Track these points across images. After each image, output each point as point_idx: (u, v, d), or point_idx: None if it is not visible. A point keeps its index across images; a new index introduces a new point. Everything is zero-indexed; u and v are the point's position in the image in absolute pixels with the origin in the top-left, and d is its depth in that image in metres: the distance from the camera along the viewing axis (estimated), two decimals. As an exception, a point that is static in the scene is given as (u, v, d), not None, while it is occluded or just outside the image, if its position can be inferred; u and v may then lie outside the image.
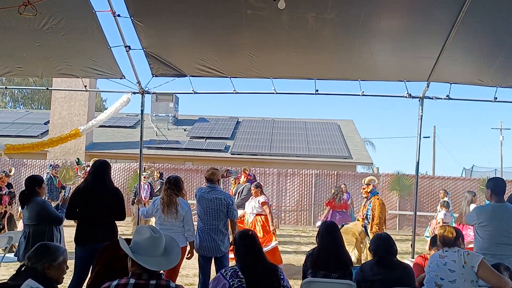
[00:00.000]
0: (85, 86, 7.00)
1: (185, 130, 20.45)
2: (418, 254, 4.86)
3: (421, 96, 6.30)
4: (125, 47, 5.65)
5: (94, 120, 9.06)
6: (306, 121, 21.99)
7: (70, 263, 3.17)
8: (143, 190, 10.15)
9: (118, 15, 5.06)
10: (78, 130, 8.84)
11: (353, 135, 20.47)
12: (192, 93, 6.49)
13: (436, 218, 10.21)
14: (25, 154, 14.36)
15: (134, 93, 6.76)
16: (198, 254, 5.07)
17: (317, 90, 6.27)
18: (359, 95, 6.28)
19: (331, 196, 9.68)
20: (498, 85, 6.08)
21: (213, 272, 5.04)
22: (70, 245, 7.34)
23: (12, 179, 14.21)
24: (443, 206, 9.83)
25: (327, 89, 7.02)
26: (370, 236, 6.96)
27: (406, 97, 6.30)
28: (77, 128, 9.03)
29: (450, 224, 8.83)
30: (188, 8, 4.88)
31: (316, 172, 14.99)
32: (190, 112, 29.65)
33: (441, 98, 6.30)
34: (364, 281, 3.59)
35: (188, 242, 4.96)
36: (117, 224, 4.77)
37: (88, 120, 15.30)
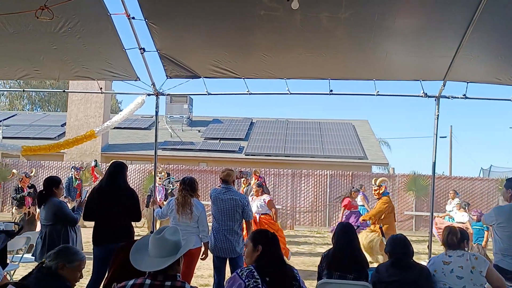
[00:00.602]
0: (101, 88, 7.08)
1: (199, 131, 20.54)
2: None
3: (437, 95, 6.22)
4: (140, 49, 5.69)
5: (109, 122, 9.15)
6: (320, 122, 21.88)
7: (89, 263, 3.20)
8: (158, 192, 10.21)
9: (133, 18, 5.09)
10: (94, 132, 8.94)
11: (368, 135, 20.32)
12: (206, 94, 6.50)
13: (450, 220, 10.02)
14: (42, 156, 14.60)
15: (149, 94, 6.80)
16: (212, 254, 5.09)
17: (331, 90, 6.23)
18: (374, 95, 6.22)
19: (347, 194, 9.52)
20: (516, 84, 5.97)
21: (227, 273, 5.06)
22: (87, 246, 7.47)
23: (31, 180, 14.49)
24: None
25: (341, 89, 6.99)
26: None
27: (422, 96, 6.22)
28: (93, 129, 9.13)
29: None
30: (201, 10, 4.90)
31: (330, 172, 14.93)
32: (204, 113, 29.78)
33: (458, 97, 6.20)
34: (380, 283, 3.55)
35: (202, 243, 4.98)
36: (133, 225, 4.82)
37: (104, 121, 15.43)
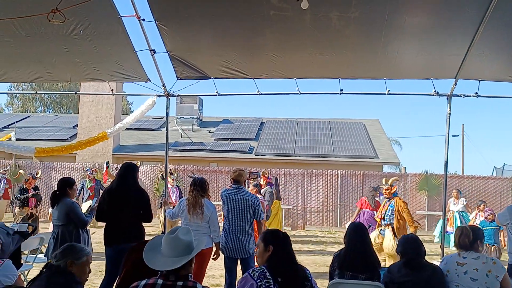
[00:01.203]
0: (112, 90, 7.13)
1: (209, 132, 20.59)
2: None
3: (449, 94, 6.16)
4: (150, 50, 5.72)
5: (120, 123, 9.23)
6: (330, 121, 21.80)
7: (101, 264, 3.22)
8: (172, 194, 10.22)
9: (143, 20, 5.12)
10: (106, 133, 9.03)
11: (379, 134, 20.19)
12: (216, 95, 6.53)
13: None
14: (55, 157, 14.77)
15: (159, 96, 6.85)
16: (224, 254, 5.10)
17: (341, 90, 6.20)
18: (384, 94, 6.18)
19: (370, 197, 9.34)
20: (529, 81, 5.89)
21: (239, 273, 5.07)
22: (99, 246, 7.54)
23: (43, 181, 14.69)
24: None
25: (352, 89, 6.92)
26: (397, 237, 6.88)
27: (433, 95, 6.17)
28: (105, 131, 9.21)
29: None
30: (211, 11, 4.91)
31: (341, 172, 14.86)
32: (214, 113, 29.93)
33: (470, 96, 6.14)
34: (392, 283, 3.53)
35: (214, 243, 5.00)
36: (145, 226, 4.84)
37: (115, 123, 15.58)
